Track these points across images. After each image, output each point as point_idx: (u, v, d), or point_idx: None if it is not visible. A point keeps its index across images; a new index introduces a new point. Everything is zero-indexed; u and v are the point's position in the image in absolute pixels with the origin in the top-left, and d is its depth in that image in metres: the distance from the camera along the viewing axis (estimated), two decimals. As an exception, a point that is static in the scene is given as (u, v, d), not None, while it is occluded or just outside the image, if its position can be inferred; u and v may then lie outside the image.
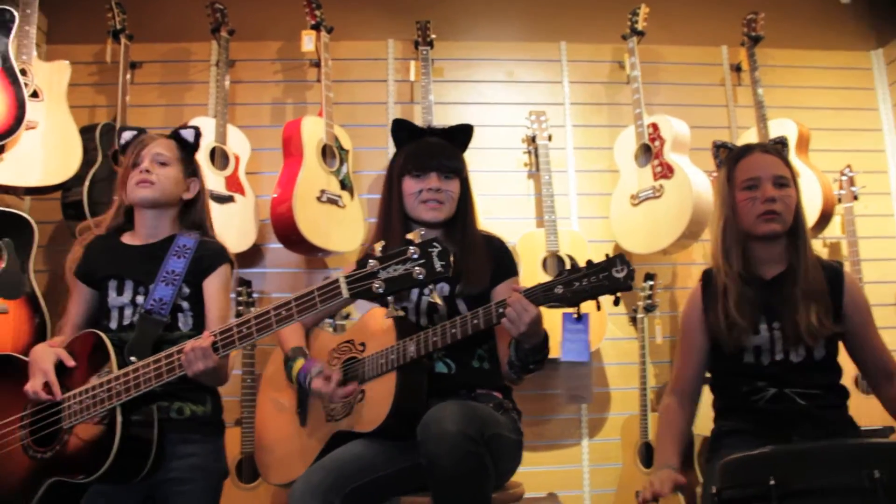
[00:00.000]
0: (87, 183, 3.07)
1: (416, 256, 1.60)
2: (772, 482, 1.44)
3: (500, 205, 3.62)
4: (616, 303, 1.82)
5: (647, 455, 3.21)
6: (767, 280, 2.04)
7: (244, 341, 1.74)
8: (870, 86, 3.88)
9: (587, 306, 1.84)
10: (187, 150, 2.08)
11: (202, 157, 3.23)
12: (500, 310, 1.86)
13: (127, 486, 1.82)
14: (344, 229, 3.35)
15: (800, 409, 1.92)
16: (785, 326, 1.97)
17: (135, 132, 2.05)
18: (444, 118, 3.67)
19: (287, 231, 3.22)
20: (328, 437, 2.08)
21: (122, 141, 2.04)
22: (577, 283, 1.80)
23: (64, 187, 3.06)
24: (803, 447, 1.50)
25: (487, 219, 2.26)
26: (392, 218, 2.18)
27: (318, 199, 3.26)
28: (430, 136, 2.22)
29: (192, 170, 2.10)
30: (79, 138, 3.06)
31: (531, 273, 3.34)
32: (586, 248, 3.44)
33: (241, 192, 3.33)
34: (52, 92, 3.03)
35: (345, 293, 1.64)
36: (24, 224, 2.85)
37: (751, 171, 2.05)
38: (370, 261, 1.62)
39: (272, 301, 3.45)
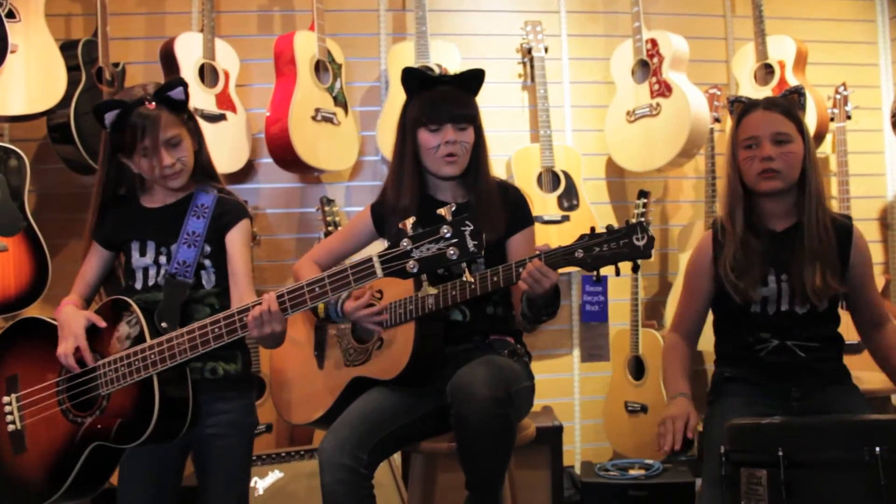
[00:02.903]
0: (73, 104, 2.96)
1: (448, 235, 1.61)
2: (780, 452, 1.56)
3: (494, 117, 3.53)
4: (635, 269, 1.87)
5: (636, 367, 3.36)
6: (778, 232, 2.09)
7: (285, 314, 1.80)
8: (870, -5, 3.81)
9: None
10: (182, 107, 1.98)
11: (191, 75, 3.13)
12: (520, 269, 1.90)
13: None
14: (339, 146, 3.31)
15: (800, 361, 2.03)
16: (792, 281, 2.04)
17: (116, 111, 1.88)
18: (438, 26, 3.55)
19: (283, 153, 3.17)
20: (346, 383, 2.17)
21: (107, 123, 1.89)
22: (597, 249, 1.84)
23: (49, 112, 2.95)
24: (811, 421, 1.61)
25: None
26: (405, 170, 2.17)
27: (314, 118, 3.20)
28: (441, 84, 2.17)
29: (193, 125, 2.02)
30: (61, 60, 2.91)
31: (527, 189, 3.34)
32: (581, 164, 3.44)
33: (233, 108, 3.25)
34: (30, 10, 2.85)
35: (379, 273, 1.66)
36: (16, 157, 2.77)
37: (750, 130, 2.07)
38: (403, 240, 1.64)
39: (267, 217, 3.50)
